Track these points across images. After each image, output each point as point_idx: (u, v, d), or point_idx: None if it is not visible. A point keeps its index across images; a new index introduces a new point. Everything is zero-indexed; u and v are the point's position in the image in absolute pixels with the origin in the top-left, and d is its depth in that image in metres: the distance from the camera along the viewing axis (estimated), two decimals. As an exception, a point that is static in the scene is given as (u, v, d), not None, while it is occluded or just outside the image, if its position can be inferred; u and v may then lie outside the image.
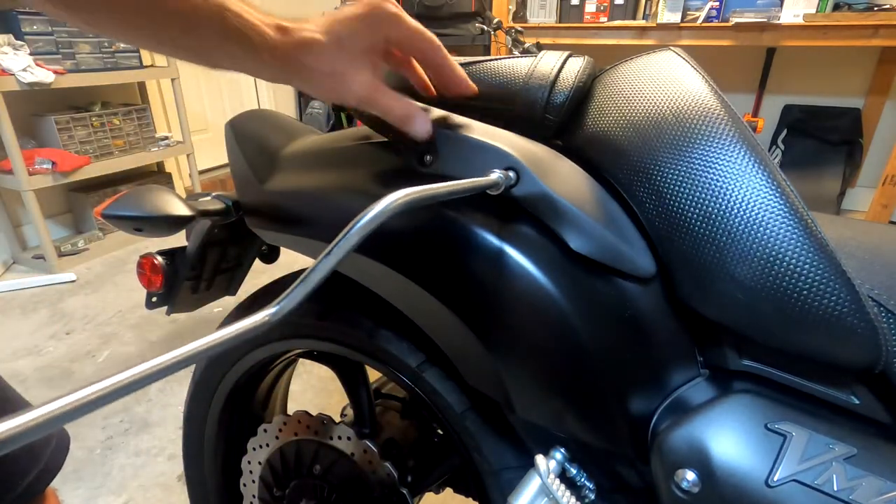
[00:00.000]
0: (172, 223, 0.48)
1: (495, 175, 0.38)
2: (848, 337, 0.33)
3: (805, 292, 0.33)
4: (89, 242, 2.38)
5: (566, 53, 0.49)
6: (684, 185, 0.37)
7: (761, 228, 0.34)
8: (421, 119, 0.41)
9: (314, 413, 0.64)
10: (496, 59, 0.50)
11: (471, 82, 0.44)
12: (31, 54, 2.03)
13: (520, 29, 2.13)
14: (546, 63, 0.47)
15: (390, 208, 0.28)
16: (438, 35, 0.41)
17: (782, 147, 2.87)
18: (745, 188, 0.35)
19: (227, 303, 0.79)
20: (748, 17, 2.34)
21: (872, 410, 0.35)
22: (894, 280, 0.35)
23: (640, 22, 2.62)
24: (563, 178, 0.41)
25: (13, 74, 1.93)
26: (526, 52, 2.00)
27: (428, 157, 0.43)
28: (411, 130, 0.41)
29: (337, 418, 0.64)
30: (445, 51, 0.43)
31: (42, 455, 0.54)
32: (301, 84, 0.40)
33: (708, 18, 2.44)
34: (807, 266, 0.33)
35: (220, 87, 3.36)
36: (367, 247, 0.46)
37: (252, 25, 0.36)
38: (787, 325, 0.34)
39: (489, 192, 0.38)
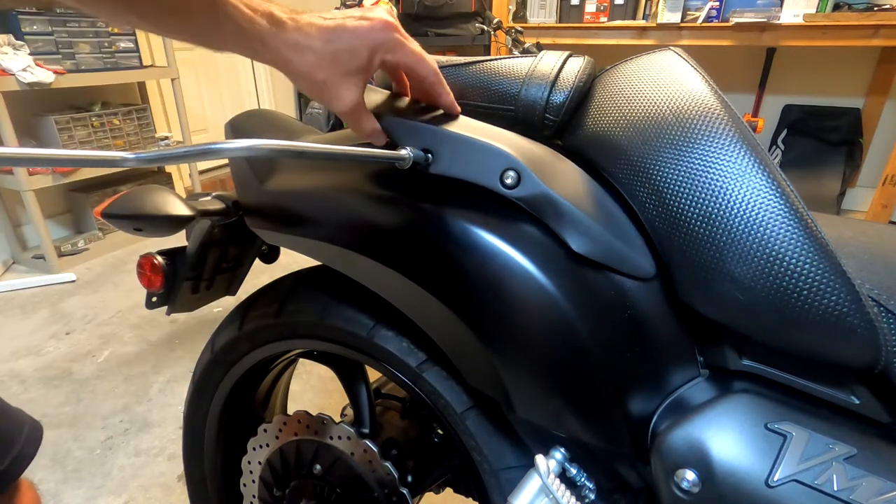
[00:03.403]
0: (172, 223, 0.48)
1: (405, 151, 0.40)
2: (848, 337, 0.33)
3: (805, 292, 0.33)
4: (89, 242, 2.38)
5: (566, 53, 0.49)
6: (684, 185, 0.37)
7: (761, 228, 0.34)
8: (380, 140, 0.44)
9: (314, 413, 0.64)
10: (496, 59, 0.50)
11: (457, 107, 0.45)
12: (31, 54, 2.03)
13: (520, 29, 2.13)
14: (546, 63, 0.47)
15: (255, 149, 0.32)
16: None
17: (782, 147, 2.87)
18: (744, 188, 0.35)
19: (227, 303, 0.78)
20: (748, 17, 2.34)
21: (872, 410, 0.35)
22: (894, 280, 0.35)
23: (640, 22, 2.62)
24: (563, 178, 0.41)
25: (13, 74, 1.93)
26: (526, 52, 2.00)
27: (428, 156, 0.43)
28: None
29: (337, 418, 0.64)
30: (441, 77, 0.43)
31: (15, 442, 0.55)
32: (289, 77, 0.41)
33: (708, 18, 2.43)
34: (807, 266, 0.33)
35: (220, 87, 3.36)
36: (367, 247, 0.46)
37: (241, 13, 0.36)
38: (786, 324, 0.34)
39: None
